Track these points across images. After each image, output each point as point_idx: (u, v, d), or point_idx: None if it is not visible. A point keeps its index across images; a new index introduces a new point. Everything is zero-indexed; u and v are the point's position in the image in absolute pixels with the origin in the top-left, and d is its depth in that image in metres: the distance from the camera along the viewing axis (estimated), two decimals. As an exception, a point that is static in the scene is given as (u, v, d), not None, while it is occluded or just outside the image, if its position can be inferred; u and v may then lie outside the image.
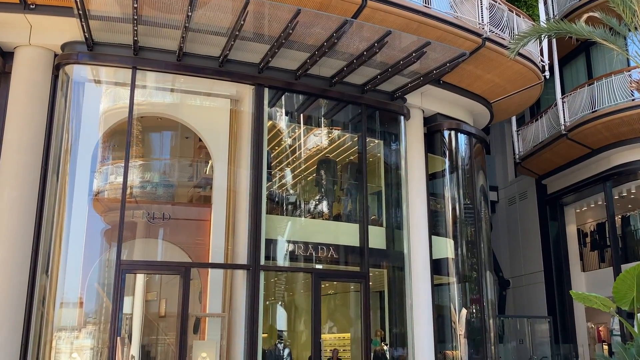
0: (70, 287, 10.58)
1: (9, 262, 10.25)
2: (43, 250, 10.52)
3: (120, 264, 10.19)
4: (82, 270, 10.62)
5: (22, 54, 11.23)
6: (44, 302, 10.20)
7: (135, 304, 11.13)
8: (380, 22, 11.53)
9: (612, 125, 17.12)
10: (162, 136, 12.58)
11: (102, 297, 10.58)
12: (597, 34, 11.39)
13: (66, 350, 10.35)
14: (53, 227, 10.57)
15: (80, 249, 10.75)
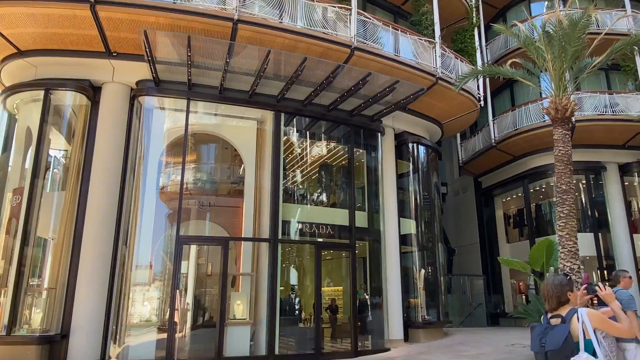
0: (143, 254, 10.95)
1: (99, 237, 10.79)
2: (123, 229, 10.99)
3: (179, 238, 10.75)
4: (151, 243, 11.02)
5: (108, 88, 11.67)
6: (123, 266, 10.66)
7: (189, 266, 11.47)
8: (363, 65, 12.01)
9: (529, 139, 17.55)
10: (209, 147, 12.84)
11: (166, 261, 10.92)
12: (518, 74, 11.94)
13: (140, 300, 10.82)
14: (130, 212, 11.01)
15: (150, 227, 11.07)
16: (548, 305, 2.86)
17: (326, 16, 12.39)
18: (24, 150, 11.97)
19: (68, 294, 10.44)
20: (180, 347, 10.42)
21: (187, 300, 11.35)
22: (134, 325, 10.47)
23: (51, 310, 10.46)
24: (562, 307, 2.78)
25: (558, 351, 2.58)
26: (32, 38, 11.20)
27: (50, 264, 10.93)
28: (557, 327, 2.68)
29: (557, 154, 10.09)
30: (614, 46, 10.76)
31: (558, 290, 2.79)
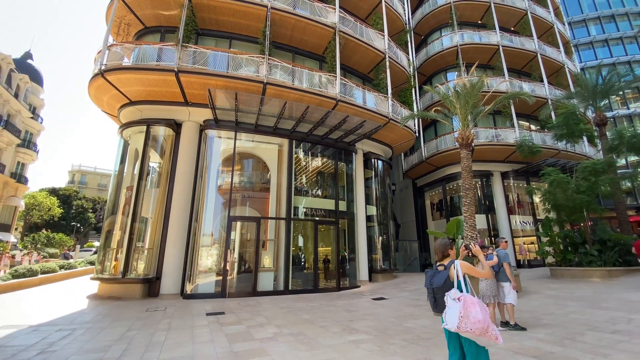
0: (207, 227, 10.81)
1: (180, 216, 10.81)
2: (195, 211, 10.97)
3: (230, 217, 10.76)
4: (212, 220, 10.91)
5: (185, 125, 11.68)
6: (195, 234, 10.60)
7: (236, 235, 11.40)
8: (344, 110, 12.08)
9: (446, 156, 17.54)
10: (248, 161, 12.67)
11: (221, 232, 10.81)
12: (439, 117, 11.96)
13: (205, 256, 10.70)
14: (199, 201, 10.96)
15: (212, 210, 10.95)
16: (437, 257, 2.95)
17: (321, 80, 12.47)
18: (134, 163, 11.91)
19: (160, 251, 10.51)
20: (230, 285, 10.36)
21: (235, 255, 11.27)
22: (201, 272, 10.41)
23: (150, 262, 10.48)
24: (445, 259, 2.89)
25: (441, 287, 2.69)
26: (139, 93, 11.20)
27: (150, 233, 10.93)
28: (441, 272, 2.79)
29: (463, 166, 10.10)
30: (497, 100, 10.82)
31: (442, 248, 2.91)
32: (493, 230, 17.21)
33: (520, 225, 17.49)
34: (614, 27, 38.27)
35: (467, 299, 2.43)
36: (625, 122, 34.39)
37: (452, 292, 2.57)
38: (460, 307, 2.42)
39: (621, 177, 13.79)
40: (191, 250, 10.53)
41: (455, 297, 2.52)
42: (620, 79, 14.57)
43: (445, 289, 2.67)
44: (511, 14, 20.33)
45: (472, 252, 3.31)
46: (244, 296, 10.10)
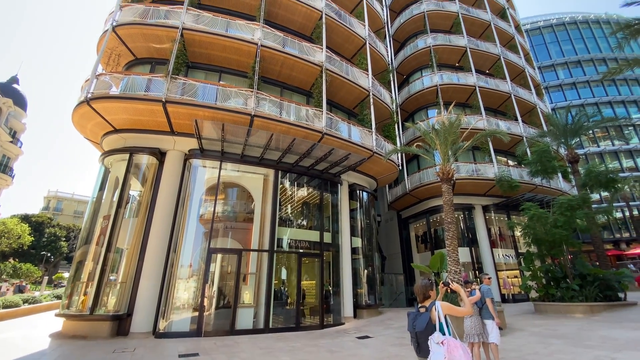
0: (186, 259, 10.38)
1: (158, 247, 10.38)
2: (174, 242, 10.56)
3: (210, 249, 10.41)
4: (192, 251, 10.48)
5: (170, 154, 11.53)
6: (172, 266, 10.13)
7: (215, 267, 10.97)
8: (329, 143, 12.26)
9: (429, 189, 17.82)
10: (232, 190, 12.51)
11: (200, 264, 10.42)
12: (421, 152, 12.35)
13: (182, 289, 10.18)
14: (179, 231, 10.59)
15: (191, 241, 10.51)
16: (418, 298, 2.91)
17: (308, 114, 12.74)
18: (113, 191, 11.58)
19: (134, 285, 9.92)
20: (207, 322, 9.78)
21: (213, 290, 10.76)
22: (176, 307, 9.83)
23: (121, 297, 9.85)
24: (426, 300, 2.85)
25: (423, 331, 2.65)
26: (124, 121, 11.14)
27: (124, 265, 10.40)
28: (423, 314, 2.75)
29: (445, 200, 10.30)
30: (475, 137, 11.30)
31: (423, 289, 2.88)
32: (477, 263, 17.23)
33: (503, 259, 17.60)
34: (580, 71, 41.70)
35: (450, 343, 2.45)
36: (596, 159, 36.43)
37: (435, 336, 2.55)
38: (444, 351, 2.42)
39: (596, 211, 14.32)
40: (167, 284, 10.01)
41: (439, 341, 2.51)
42: (589, 119, 15.62)
43: (427, 333, 2.63)
44: (486, 58, 21.90)
45: (451, 289, 3.30)
46: (221, 335, 9.53)
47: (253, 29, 12.85)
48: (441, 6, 22.60)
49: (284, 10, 14.86)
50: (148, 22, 11.74)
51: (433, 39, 21.29)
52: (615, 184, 14.15)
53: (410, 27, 23.34)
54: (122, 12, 11.98)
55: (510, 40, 24.32)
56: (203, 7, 13.67)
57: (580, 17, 45.26)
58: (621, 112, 38.19)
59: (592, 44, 43.05)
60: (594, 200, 25.98)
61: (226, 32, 12.31)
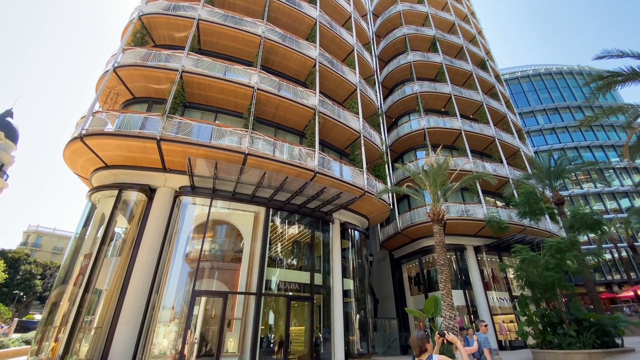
0: (168, 300, 9.88)
1: (139, 288, 9.95)
2: (157, 282, 10.15)
3: (194, 292, 9.95)
4: (175, 293, 10.02)
5: (160, 190, 11.46)
6: (153, 308, 9.67)
7: (199, 310, 10.43)
8: (321, 182, 12.38)
9: (420, 229, 17.70)
10: (222, 228, 12.33)
11: (183, 307, 9.94)
12: (411, 192, 12.50)
13: (161, 334, 9.57)
14: (163, 271, 10.24)
15: (175, 282, 10.11)
16: (414, 352, 2.83)
17: (301, 153, 12.98)
18: (98, 227, 11.27)
19: (110, 330, 9.28)
20: (186, 373, 9.02)
21: (196, 336, 10.09)
22: (154, 356, 9.10)
23: (96, 343, 9.21)
24: (423, 354, 2.77)
25: None
26: (116, 158, 11.16)
27: (101, 308, 9.82)
28: None
29: (436, 241, 10.27)
30: (463, 179, 11.61)
31: (420, 342, 2.81)
32: (471, 307, 16.74)
33: (498, 302, 17.18)
34: (558, 118, 44.27)
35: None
36: (581, 201, 37.38)
37: None
38: None
39: (586, 253, 14.39)
40: (146, 328, 9.43)
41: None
42: (570, 162, 16.28)
43: None
44: (469, 104, 23.20)
45: (447, 340, 3.19)
46: (201, 387, 8.77)
47: (250, 73, 13.51)
48: (426, 57, 24.34)
49: (280, 58, 15.78)
50: (149, 64, 12.26)
51: (419, 86, 22.62)
52: (601, 226, 14.39)
53: (397, 75, 24.88)
54: (124, 54, 12.53)
55: (491, 89, 26.00)
56: (203, 52, 14.45)
57: (554, 69, 49.09)
58: (600, 156, 40.03)
59: (567, 92, 46.26)
60: (582, 241, 26.23)
61: (224, 75, 12.90)
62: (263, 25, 15.09)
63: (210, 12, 14.45)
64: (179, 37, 14.49)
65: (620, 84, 8.81)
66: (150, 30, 14.42)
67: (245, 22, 14.85)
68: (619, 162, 38.60)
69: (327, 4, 19.96)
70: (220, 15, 14.54)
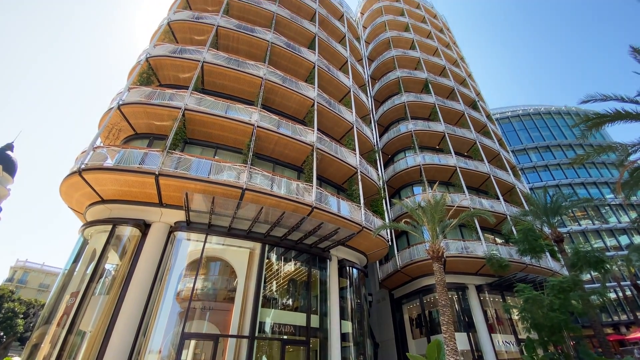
0: (156, 343, 9.33)
1: (126, 330, 9.50)
2: (145, 323, 9.72)
3: (183, 334, 9.48)
4: (163, 335, 9.50)
5: (155, 226, 11.30)
6: (139, 352, 9.18)
7: (188, 354, 9.77)
8: (319, 217, 12.29)
9: (420, 266, 17.20)
10: (215, 265, 11.98)
11: (171, 350, 9.34)
12: (409, 228, 12.39)
13: (146, 384, 8.95)
14: (152, 310, 9.84)
15: (164, 323, 9.64)
16: None
17: (298, 188, 13.02)
18: (88, 264, 10.96)
19: (90, 378, 8.58)
20: None
21: (182, 383, 9.36)
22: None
23: (72, 393, 8.45)
24: None
25: None
26: (113, 192, 11.13)
27: (83, 352, 9.21)
28: None
29: (437, 280, 9.98)
30: (461, 216, 11.58)
31: None
32: (476, 351, 15.80)
33: (504, 346, 16.25)
34: (550, 155, 45.27)
35: None
36: (580, 238, 37.02)
37: None
38: None
39: (590, 292, 13.94)
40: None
41: None
42: (566, 199, 16.33)
43: None
44: (463, 142, 23.81)
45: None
46: None
47: (251, 112, 13.97)
48: (419, 98, 25.43)
49: (280, 98, 16.42)
50: (153, 102, 12.69)
51: (414, 124, 23.35)
52: (604, 265, 14.10)
53: (392, 114, 25.79)
54: (130, 92, 13.01)
55: (483, 127, 26.85)
56: (206, 91, 15.02)
57: (543, 109, 51.16)
58: (595, 193, 40.36)
59: (557, 131, 47.79)
60: (585, 280, 25.56)
61: (225, 113, 13.32)
62: (264, 68, 15.89)
63: (215, 55, 15.26)
64: (184, 77, 15.16)
65: (608, 123, 9.13)
66: (156, 70, 15.11)
67: (247, 64, 15.64)
68: (613, 199, 38.87)
69: (326, 50, 21.24)
70: (224, 58, 15.34)
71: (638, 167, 9.24)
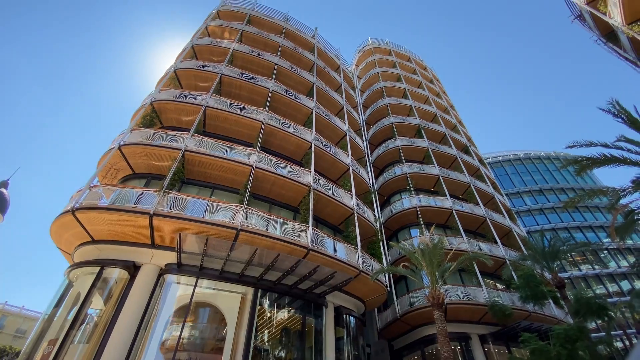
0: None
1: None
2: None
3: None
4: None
5: (145, 268, 10.90)
6: None
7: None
8: (314, 260, 11.95)
9: (421, 314, 16.40)
10: (204, 311, 11.34)
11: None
12: (408, 273, 12.03)
13: None
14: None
15: (146, 377, 8.93)
16: None
17: (294, 229, 12.82)
18: (70, 308, 10.35)
19: None
20: None
21: None
22: None
23: None
24: None
25: None
26: (104, 232, 10.89)
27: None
28: None
29: (438, 329, 9.48)
30: (460, 259, 11.35)
31: None
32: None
33: (515, 406, 14.92)
34: (544, 199, 45.69)
35: None
36: (582, 283, 36.00)
37: None
38: None
39: (597, 342, 13.18)
40: None
41: None
42: (564, 243, 16.13)
43: None
44: (457, 185, 24.13)
45: None
46: None
47: (249, 153, 14.26)
48: (413, 142, 26.28)
49: (279, 140, 16.89)
50: (153, 143, 12.95)
51: (408, 167, 23.83)
52: (606, 312, 13.54)
53: (387, 157, 26.44)
54: (132, 134, 13.32)
55: (476, 171, 27.42)
56: (207, 134, 15.43)
57: (533, 154, 52.80)
58: (592, 237, 40.06)
59: (548, 175, 48.83)
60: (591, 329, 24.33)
61: (225, 154, 13.57)
62: (265, 112, 16.55)
63: (218, 100, 15.96)
64: (186, 120, 15.67)
65: (595, 167, 9.37)
66: (160, 114, 15.66)
67: (248, 109, 16.32)
68: (610, 243, 38.53)
69: (323, 97, 22.37)
70: (226, 103, 16.03)
71: (631, 211, 9.31)
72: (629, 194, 8.69)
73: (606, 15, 13.08)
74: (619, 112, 8.04)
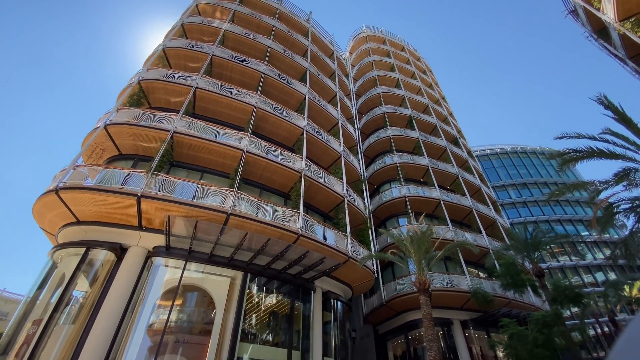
0: (120, 383, 8.52)
1: None
2: (112, 357, 8.88)
3: (154, 370, 8.65)
4: (130, 373, 8.74)
5: (132, 250, 10.72)
6: None
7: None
8: (304, 245, 12.01)
9: (406, 300, 16.86)
10: (192, 295, 11.29)
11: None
12: (395, 259, 12.26)
13: None
14: (121, 344, 9.08)
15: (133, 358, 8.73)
16: None
17: (285, 214, 12.81)
18: (54, 290, 10.16)
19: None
20: None
21: None
22: None
23: None
24: None
25: None
26: (90, 213, 10.63)
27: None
28: None
29: (423, 314, 9.75)
30: (446, 247, 11.61)
31: None
32: (463, 391, 15.15)
33: (491, 387, 15.69)
34: (528, 192, 46.97)
35: None
36: (559, 274, 37.55)
37: None
38: None
39: (571, 328, 13.87)
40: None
41: None
42: (545, 235, 16.71)
43: None
44: (446, 176, 24.50)
45: None
46: None
47: (241, 137, 14.03)
48: (404, 132, 26.38)
49: (271, 125, 16.65)
50: (141, 123, 12.57)
51: (399, 157, 24.00)
52: (582, 299, 14.21)
53: (378, 146, 26.52)
54: (118, 113, 12.87)
55: (464, 163, 27.84)
56: (197, 116, 15.07)
57: (519, 148, 53.92)
58: (571, 230, 41.65)
59: (533, 170, 50.09)
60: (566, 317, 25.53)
61: (215, 138, 13.30)
62: (257, 96, 16.23)
63: (208, 82, 15.53)
64: (175, 101, 15.23)
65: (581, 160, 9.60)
66: (148, 93, 15.15)
67: (240, 92, 15.96)
68: (588, 236, 40.14)
69: (316, 83, 22.05)
70: (217, 85, 15.62)
71: (611, 204, 9.66)
72: (611, 186, 8.98)
73: (599, 11, 13.21)
74: (608, 105, 8.23)
